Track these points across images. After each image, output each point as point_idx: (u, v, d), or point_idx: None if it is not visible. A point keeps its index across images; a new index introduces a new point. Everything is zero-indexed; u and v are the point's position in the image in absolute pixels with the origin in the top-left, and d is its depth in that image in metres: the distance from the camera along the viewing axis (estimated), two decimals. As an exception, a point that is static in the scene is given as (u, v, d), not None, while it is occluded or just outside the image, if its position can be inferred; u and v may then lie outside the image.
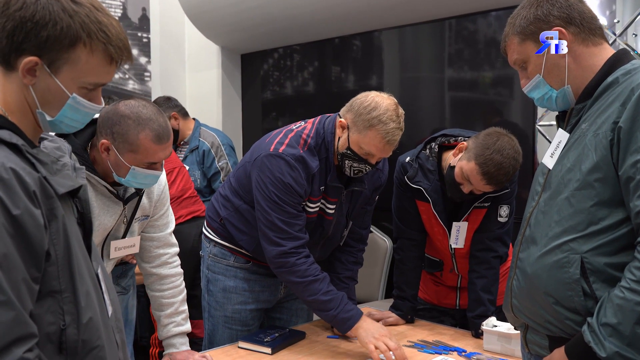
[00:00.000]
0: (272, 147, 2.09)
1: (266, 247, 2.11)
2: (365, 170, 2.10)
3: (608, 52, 1.47)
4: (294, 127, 2.17)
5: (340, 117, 2.10)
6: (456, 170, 2.16)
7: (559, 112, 1.56)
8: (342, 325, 2.11)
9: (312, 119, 2.21)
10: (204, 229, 2.40)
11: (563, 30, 1.43)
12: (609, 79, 1.39)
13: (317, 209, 2.17)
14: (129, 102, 1.79)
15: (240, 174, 2.23)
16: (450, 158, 2.25)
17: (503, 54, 1.58)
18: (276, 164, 2.06)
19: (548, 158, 1.50)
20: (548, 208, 1.43)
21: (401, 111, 2.04)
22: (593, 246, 1.33)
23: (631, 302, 1.25)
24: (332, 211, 2.20)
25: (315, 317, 2.44)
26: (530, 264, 1.44)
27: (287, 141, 2.09)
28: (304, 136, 2.11)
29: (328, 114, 2.20)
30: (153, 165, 1.81)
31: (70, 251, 1.04)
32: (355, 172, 2.11)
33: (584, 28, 1.45)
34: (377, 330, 2.05)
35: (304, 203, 2.13)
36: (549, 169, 1.48)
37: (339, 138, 2.10)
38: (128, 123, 1.75)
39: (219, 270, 2.31)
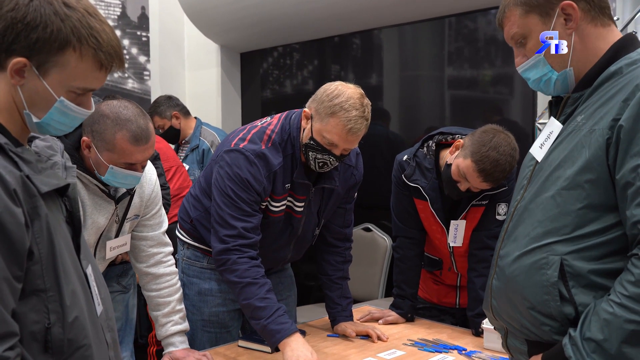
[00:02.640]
0: (234, 143, 2.04)
1: (213, 244, 2.04)
2: (330, 162, 2.01)
3: (615, 35, 1.34)
4: (259, 123, 2.11)
5: (306, 108, 2.04)
6: (453, 168, 2.15)
7: (552, 97, 1.44)
8: (270, 338, 1.97)
9: (278, 115, 2.15)
10: (177, 232, 2.34)
11: (573, 4, 1.31)
12: (612, 67, 1.28)
13: (284, 207, 2.11)
14: (111, 102, 1.80)
15: (208, 173, 2.17)
16: (447, 156, 2.23)
17: (499, 26, 1.44)
18: (235, 159, 2.00)
19: (537, 149, 1.39)
20: (533, 206, 1.33)
21: (367, 101, 1.97)
22: (575, 248, 1.24)
23: (620, 319, 1.14)
24: (301, 209, 2.13)
25: (306, 318, 2.42)
26: (508, 264, 1.34)
27: (249, 137, 2.04)
28: (268, 132, 2.05)
29: (295, 110, 2.13)
30: (132, 166, 1.81)
31: (54, 250, 1.03)
32: (320, 164, 2.02)
33: (595, 5, 1.32)
34: (304, 354, 1.90)
35: (267, 202, 2.07)
36: (537, 161, 1.38)
37: (304, 130, 2.03)
38: (106, 122, 1.75)
39: (193, 274, 2.25)
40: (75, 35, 1.04)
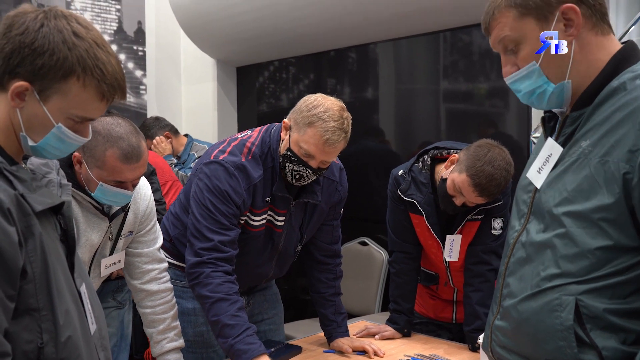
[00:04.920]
0: (213, 155, 2.02)
1: (187, 257, 1.98)
2: (307, 175, 1.97)
3: (615, 45, 1.21)
4: (239, 136, 2.09)
5: (285, 119, 2.02)
6: (448, 182, 2.15)
7: (544, 113, 1.33)
8: (237, 358, 1.88)
9: (259, 127, 2.13)
10: None
11: (576, 8, 1.16)
12: (614, 82, 1.15)
13: (264, 221, 2.06)
14: (105, 118, 1.77)
15: (188, 189, 2.13)
16: (442, 170, 2.24)
17: (484, 30, 1.28)
18: (214, 170, 1.97)
19: (535, 173, 1.26)
20: (541, 242, 1.19)
21: (347, 114, 1.93)
22: (591, 287, 1.11)
23: None
24: (282, 223, 2.09)
25: (302, 333, 2.39)
26: (515, 305, 1.22)
27: (229, 149, 2.02)
28: (248, 144, 2.03)
29: (276, 123, 2.11)
30: (122, 184, 1.78)
31: (48, 269, 1.03)
32: (297, 177, 1.97)
33: (596, 10, 1.18)
34: None
35: (246, 217, 2.03)
36: (537, 188, 1.25)
37: (283, 141, 1.99)
38: (97, 139, 1.73)
39: (175, 294, 2.17)
40: (80, 64, 1.05)
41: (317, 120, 1.89)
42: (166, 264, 2.13)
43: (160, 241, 2.12)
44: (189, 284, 2.00)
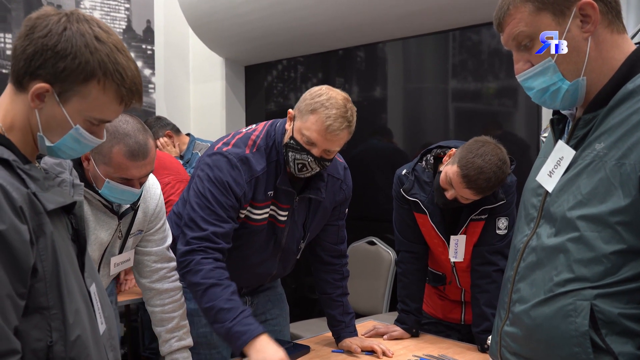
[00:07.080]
0: (217, 147, 2.02)
1: (178, 247, 1.97)
2: (309, 164, 1.94)
3: (629, 45, 1.19)
4: (244, 130, 2.09)
5: (290, 110, 2.02)
6: (442, 175, 2.15)
7: (553, 115, 1.31)
8: (236, 341, 1.83)
9: (264, 122, 2.13)
10: None
11: (594, 3, 1.15)
12: (630, 85, 1.13)
13: (267, 215, 2.05)
14: None
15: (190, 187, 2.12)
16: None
17: (497, 27, 1.25)
18: (217, 161, 1.96)
19: (545, 177, 1.24)
20: (553, 246, 1.18)
21: (351, 105, 1.92)
22: (605, 292, 1.10)
23: None
24: (284, 218, 2.07)
25: (310, 332, 2.39)
26: (526, 311, 1.20)
27: (233, 142, 2.02)
28: (253, 137, 2.03)
29: (281, 118, 2.11)
30: (129, 182, 1.78)
31: (58, 267, 1.04)
32: (299, 166, 1.95)
33: (612, 8, 1.17)
34: (271, 355, 1.81)
35: (246, 210, 2.02)
36: (547, 191, 1.23)
37: (287, 131, 1.99)
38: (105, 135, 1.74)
39: None
40: (101, 68, 1.06)
41: (320, 107, 1.89)
42: (174, 263, 2.13)
43: (169, 240, 2.12)
44: (179, 273, 1.99)
